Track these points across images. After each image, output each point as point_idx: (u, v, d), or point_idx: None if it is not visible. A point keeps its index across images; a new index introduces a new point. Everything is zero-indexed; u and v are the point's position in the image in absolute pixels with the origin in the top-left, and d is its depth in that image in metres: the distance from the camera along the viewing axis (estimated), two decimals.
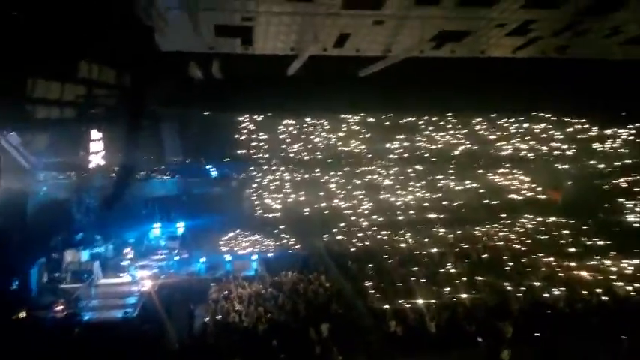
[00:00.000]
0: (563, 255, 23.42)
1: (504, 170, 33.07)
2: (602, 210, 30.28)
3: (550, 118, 32.40)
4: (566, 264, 22.11)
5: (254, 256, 24.25)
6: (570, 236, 26.42)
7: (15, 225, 18.68)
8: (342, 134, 31.67)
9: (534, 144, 32.95)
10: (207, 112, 28.03)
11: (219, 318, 17.40)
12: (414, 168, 32.41)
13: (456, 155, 32.85)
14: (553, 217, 29.52)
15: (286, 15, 14.34)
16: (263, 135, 30.49)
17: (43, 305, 18.29)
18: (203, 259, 23.74)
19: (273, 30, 15.36)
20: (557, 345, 15.09)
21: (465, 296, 18.78)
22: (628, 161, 31.67)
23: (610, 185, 31.64)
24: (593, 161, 32.41)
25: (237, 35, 15.80)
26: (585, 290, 19.15)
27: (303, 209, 29.60)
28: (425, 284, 19.85)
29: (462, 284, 19.88)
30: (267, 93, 24.56)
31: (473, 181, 32.20)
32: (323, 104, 27.06)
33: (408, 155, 32.41)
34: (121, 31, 15.79)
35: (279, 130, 30.88)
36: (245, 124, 30.21)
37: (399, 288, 19.52)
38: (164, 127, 27.80)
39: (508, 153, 32.98)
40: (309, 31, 15.24)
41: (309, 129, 31.43)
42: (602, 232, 26.52)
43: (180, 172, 29.41)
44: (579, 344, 15.14)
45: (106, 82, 20.84)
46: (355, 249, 25.32)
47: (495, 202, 31.45)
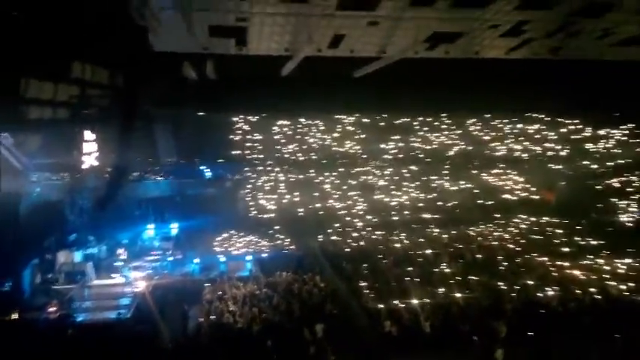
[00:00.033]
0: (556, 255, 23.48)
1: (498, 170, 33.20)
2: (595, 210, 30.43)
3: (544, 118, 32.63)
4: (560, 264, 22.17)
5: (248, 257, 24.17)
6: (564, 236, 26.50)
7: (8, 226, 18.60)
8: (337, 135, 31.71)
9: (528, 144, 33.17)
10: (202, 113, 28.02)
11: (213, 318, 17.32)
12: (408, 168, 32.49)
13: (451, 156, 32.99)
14: (547, 217, 29.60)
15: (280, 16, 14.35)
16: (257, 135, 30.48)
17: (36, 306, 18.12)
18: (197, 260, 23.64)
19: (267, 30, 15.37)
20: (550, 344, 15.14)
21: (459, 296, 18.82)
22: (621, 161, 31.90)
23: (603, 185, 31.84)
24: (586, 161, 32.63)
25: (231, 35, 15.80)
26: (578, 290, 19.23)
27: (297, 210, 29.57)
28: (419, 284, 19.86)
29: (457, 284, 19.89)
30: (261, 93, 24.59)
31: (467, 182, 32.29)
32: (317, 105, 27.13)
33: (402, 156, 32.50)
34: (115, 31, 15.76)
35: (273, 131, 30.87)
36: (239, 124, 30.18)
37: (393, 288, 19.50)
38: (158, 127, 27.74)
39: (502, 153, 33.19)
40: (303, 32, 15.25)
41: (303, 129, 31.44)
42: (596, 231, 26.62)
43: (174, 172, 29.32)
44: (572, 343, 15.21)
45: (100, 83, 20.77)
46: (350, 249, 25.27)
47: (490, 202, 31.54)
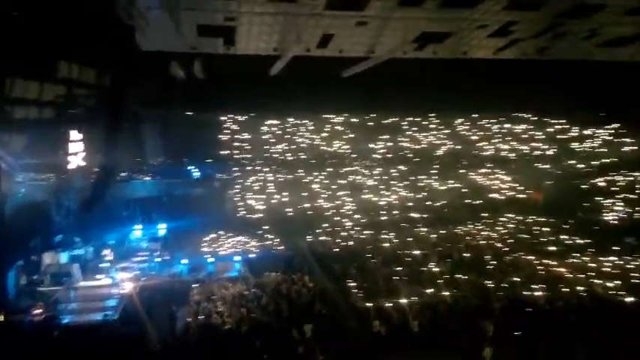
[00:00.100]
0: (543, 254, 23.68)
1: (486, 170, 33.42)
2: (581, 209, 30.72)
3: (531, 118, 32.92)
4: (547, 262, 22.36)
5: (237, 257, 24.08)
6: (551, 235, 26.74)
7: None
8: (326, 134, 31.71)
9: (515, 144, 33.44)
10: (190, 113, 27.86)
11: (201, 319, 17.22)
12: (397, 168, 32.57)
13: (439, 155, 33.14)
14: (534, 216, 29.83)
15: (269, 15, 14.32)
16: (246, 135, 30.37)
17: (21, 309, 17.83)
18: (185, 260, 23.48)
19: (255, 30, 15.32)
20: (537, 343, 15.25)
21: (447, 294, 18.91)
22: (607, 161, 32.28)
23: (589, 184, 32.17)
24: (573, 161, 32.97)
25: (219, 35, 15.75)
26: (565, 288, 19.40)
27: (286, 210, 29.50)
28: (408, 284, 19.93)
29: (445, 283, 20.00)
30: (250, 93, 24.53)
31: (455, 181, 32.45)
32: (306, 104, 27.13)
33: (391, 155, 32.59)
34: (102, 31, 15.62)
35: (262, 131, 30.76)
36: (228, 124, 30.05)
37: (382, 288, 19.55)
38: (145, 127, 27.55)
39: (490, 153, 33.43)
40: (292, 32, 15.25)
41: (292, 129, 31.40)
42: (582, 230, 26.88)
43: (162, 173, 29.10)
44: (559, 342, 15.35)
45: (87, 82, 20.55)
46: (339, 249, 25.29)
47: (478, 201, 31.70)
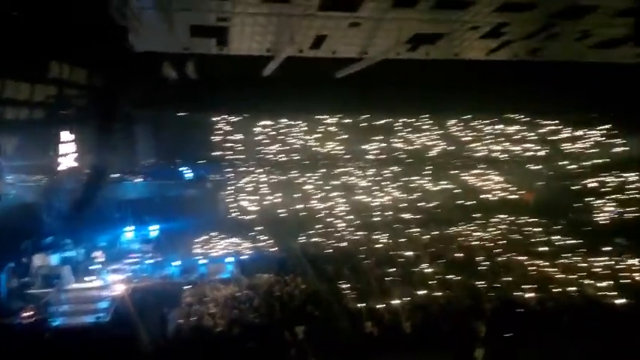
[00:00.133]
0: (535, 254, 23.79)
1: (479, 171, 33.54)
2: (573, 210, 30.87)
3: (523, 119, 33.11)
4: (539, 263, 22.46)
5: (230, 259, 23.97)
6: (543, 235, 26.85)
7: None
8: (319, 135, 31.72)
9: (508, 145, 33.61)
10: (182, 113, 27.78)
11: (193, 321, 17.16)
12: (390, 169, 32.60)
13: (432, 156, 33.23)
14: (526, 217, 29.94)
15: (262, 16, 14.31)
16: (239, 136, 30.32)
17: (11, 311, 17.63)
18: (177, 262, 23.33)
19: (248, 31, 15.31)
20: (528, 343, 15.33)
21: (440, 295, 18.97)
22: (598, 161, 32.50)
23: (581, 185, 32.35)
24: (565, 162, 33.17)
25: (212, 35, 15.72)
26: (557, 289, 19.50)
27: (279, 211, 29.44)
28: (400, 284, 19.96)
29: (437, 284, 20.06)
30: (243, 94, 24.50)
31: (448, 182, 32.53)
32: (299, 105, 27.14)
33: (384, 156, 32.64)
34: (95, 31, 15.54)
35: (255, 132, 30.73)
36: (220, 125, 29.99)
37: (374, 289, 19.58)
38: (138, 128, 27.44)
39: (482, 154, 33.58)
40: (285, 32, 15.23)
41: (285, 130, 31.37)
42: (573, 231, 27.01)
43: (154, 174, 28.89)
44: (550, 342, 15.43)
45: (79, 83, 20.46)
46: (332, 250, 25.27)
47: (470, 202, 31.78)
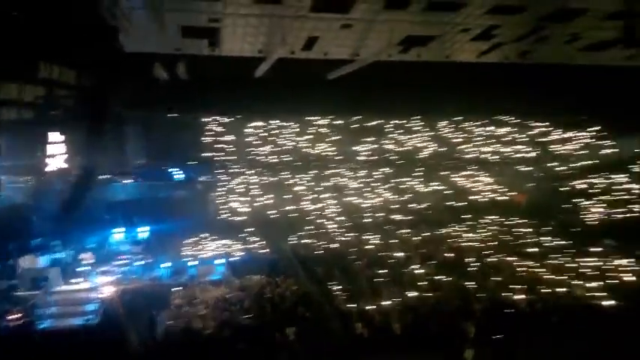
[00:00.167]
0: (524, 255, 23.94)
1: (469, 172, 33.73)
2: (562, 211, 31.10)
3: (513, 121, 33.37)
4: (528, 264, 22.59)
5: (220, 260, 23.86)
6: (532, 236, 27.02)
7: None
8: (310, 137, 31.72)
9: (498, 147, 33.84)
10: (173, 114, 27.65)
11: (182, 323, 17.06)
12: (381, 170, 32.68)
13: (423, 158, 33.35)
14: (516, 218, 30.10)
15: (254, 17, 14.28)
16: (230, 137, 30.23)
17: None
18: (167, 263, 23.19)
19: (240, 31, 15.27)
20: (518, 344, 15.41)
21: (430, 295, 19.02)
22: (587, 163, 32.83)
23: (570, 186, 32.62)
24: (554, 163, 33.46)
25: (203, 36, 15.66)
26: (546, 289, 19.62)
27: (270, 212, 29.38)
28: (391, 285, 20.00)
29: (427, 285, 20.14)
30: (234, 95, 24.48)
31: (439, 183, 32.67)
32: (291, 106, 27.17)
33: (375, 158, 32.72)
34: (85, 31, 15.44)
35: (246, 133, 30.67)
36: (212, 126, 29.89)
37: (365, 290, 19.60)
38: (128, 129, 27.24)
39: (473, 156, 33.79)
40: (277, 34, 15.21)
41: (276, 131, 31.34)
42: (563, 232, 27.21)
43: (144, 175, 28.69)
44: (540, 343, 15.52)
45: (69, 83, 20.33)
46: (323, 251, 25.25)
47: (460, 203, 31.91)
